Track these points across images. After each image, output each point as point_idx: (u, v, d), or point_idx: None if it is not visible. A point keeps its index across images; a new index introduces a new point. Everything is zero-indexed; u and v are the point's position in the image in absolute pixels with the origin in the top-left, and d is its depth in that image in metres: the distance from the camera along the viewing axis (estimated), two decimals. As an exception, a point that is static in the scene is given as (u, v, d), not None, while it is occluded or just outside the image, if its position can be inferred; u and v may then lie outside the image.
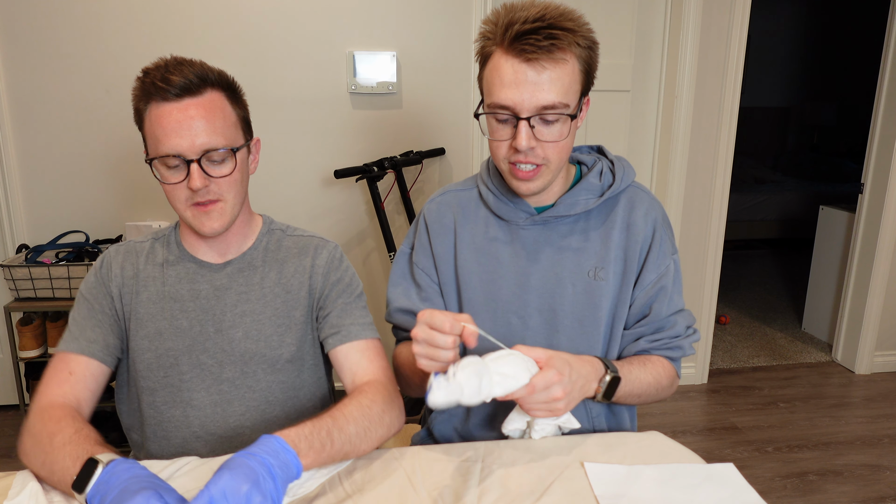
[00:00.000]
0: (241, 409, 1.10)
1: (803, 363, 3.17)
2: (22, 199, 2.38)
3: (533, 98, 0.95)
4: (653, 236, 1.11)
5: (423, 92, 2.48)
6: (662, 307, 1.10)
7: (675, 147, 2.63)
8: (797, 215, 5.21)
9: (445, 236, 1.15)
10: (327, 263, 1.14)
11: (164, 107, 0.97)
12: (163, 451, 1.11)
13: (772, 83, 5.90)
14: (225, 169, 1.02)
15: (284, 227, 1.19)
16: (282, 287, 1.12)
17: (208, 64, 1.02)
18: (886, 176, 2.81)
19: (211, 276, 1.11)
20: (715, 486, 0.90)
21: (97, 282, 1.10)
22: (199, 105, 0.98)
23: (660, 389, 1.10)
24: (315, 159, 2.48)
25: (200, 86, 0.99)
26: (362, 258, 2.62)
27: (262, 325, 1.10)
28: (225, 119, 1.01)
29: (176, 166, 0.99)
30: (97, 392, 1.06)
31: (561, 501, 0.86)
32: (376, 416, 0.97)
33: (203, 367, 1.09)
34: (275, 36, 2.36)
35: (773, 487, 2.15)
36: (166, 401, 1.09)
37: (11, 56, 2.26)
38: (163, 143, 0.98)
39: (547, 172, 1.03)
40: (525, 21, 0.93)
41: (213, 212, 1.03)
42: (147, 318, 1.09)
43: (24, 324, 2.21)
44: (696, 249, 2.80)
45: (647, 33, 2.63)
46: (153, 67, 0.99)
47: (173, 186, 1.01)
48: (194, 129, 0.97)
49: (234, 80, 1.06)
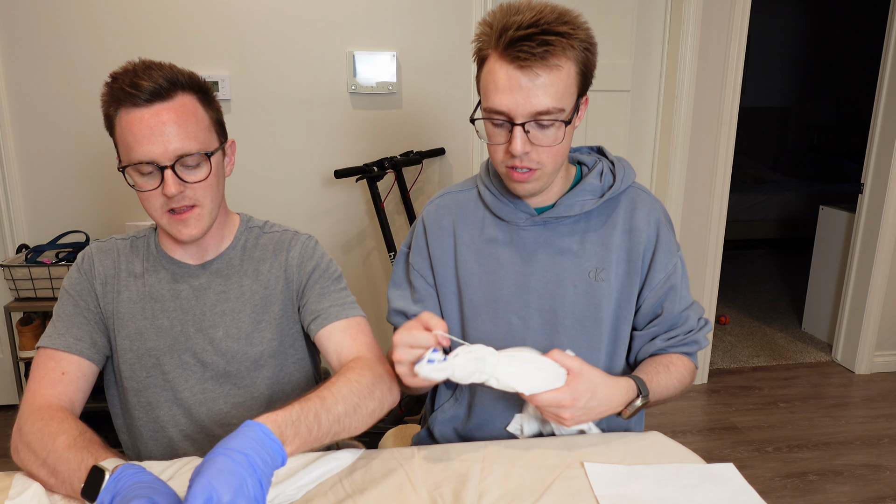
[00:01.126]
0: (227, 407, 1.10)
1: (803, 363, 3.17)
2: (22, 199, 2.38)
3: (527, 104, 0.95)
4: (657, 237, 1.11)
5: (423, 92, 2.48)
6: (675, 305, 1.11)
7: (675, 147, 2.63)
8: (797, 215, 5.21)
9: (444, 239, 1.15)
10: (300, 255, 1.14)
11: (134, 113, 0.95)
12: (154, 451, 1.11)
13: (772, 83, 5.89)
14: (200, 174, 1.00)
15: (262, 224, 1.19)
16: (260, 284, 1.12)
17: (178, 66, 1.00)
18: (886, 176, 2.81)
19: (190, 277, 1.10)
20: (715, 486, 0.90)
21: (80, 278, 1.09)
22: (170, 110, 0.96)
23: (684, 388, 1.11)
24: (315, 159, 2.48)
25: (171, 90, 0.96)
26: (362, 258, 2.62)
27: (242, 322, 1.10)
28: (198, 123, 0.99)
29: (149, 173, 0.97)
30: (87, 392, 1.05)
31: (561, 501, 0.86)
32: (366, 391, 0.93)
33: (186, 367, 1.09)
34: (275, 36, 2.36)
35: (773, 487, 2.15)
36: (151, 401, 1.09)
37: (11, 56, 2.26)
38: (135, 150, 0.96)
39: (542, 175, 1.03)
40: (519, 27, 0.92)
41: (189, 219, 1.02)
42: (128, 318, 1.08)
43: (24, 324, 2.21)
44: (696, 249, 2.79)
45: (647, 33, 2.63)
46: (121, 72, 0.97)
47: (148, 194, 0.99)
48: (167, 134, 0.95)
49: (205, 81, 1.04)
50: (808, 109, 5.89)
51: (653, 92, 2.69)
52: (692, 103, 2.59)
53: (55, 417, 0.92)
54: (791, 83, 5.94)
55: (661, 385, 1.05)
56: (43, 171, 2.36)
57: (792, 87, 5.95)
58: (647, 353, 1.13)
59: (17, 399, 2.46)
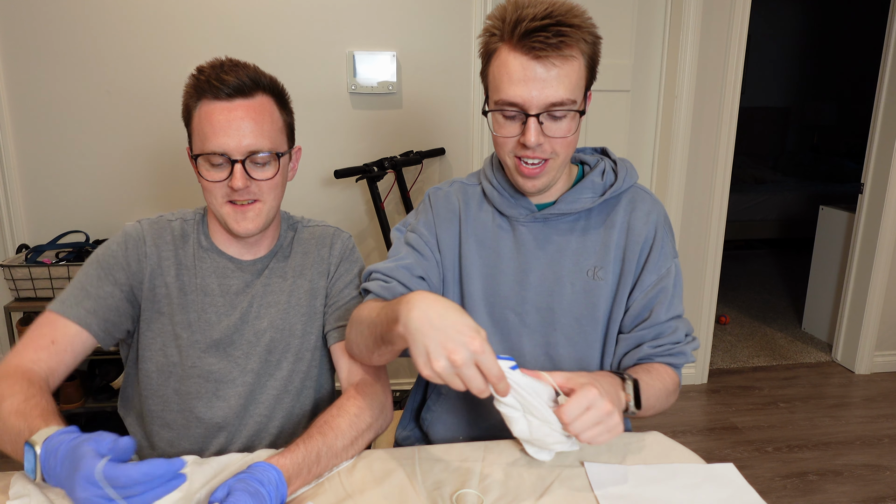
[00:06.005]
0: (263, 398, 1.12)
1: (803, 363, 3.17)
2: (22, 199, 2.38)
3: (542, 95, 0.95)
4: (654, 238, 1.10)
5: (423, 92, 2.48)
6: (662, 309, 1.08)
7: (675, 147, 2.63)
8: (797, 215, 5.21)
9: (451, 222, 1.15)
10: (340, 254, 1.18)
11: (214, 105, 0.99)
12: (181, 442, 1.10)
13: (772, 83, 5.90)
14: (268, 172, 1.03)
15: (299, 218, 1.22)
16: (304, 278, 1.15)
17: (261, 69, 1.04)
18: (886, 176, 2.82)
19: (241, 272, 1.12)
20: (715, 486, 0.90)
21: (122, 254, 1.06)
22: (248, 107, 1.00)
23: (668, 395, 1.06)
24: (315, 159, 2.48)
25: (252, 88, 1.00)
26: (362, 258, 2.62)
27: (288, 314, 1.12)
28: (272, 123, 1.03)
29: (219, 164, 1.00)
30: (73, 365, 1.02)
31: (561, 501, 0.86)
32: (364, 427, 0.99)
33: (231, 359, 1.10)
34: (275, 36, 2.36)
35: (773, 487, 2.15)
36: (191, 391, 1.08)
37: (11, 56, 2.26)
38: (210, 141, 0.99)
39: (553, 167, 1.03)
40: (534, 18, 0.93)
41: (249, 212, 1.04)
42: (177, 307, 1.08)
43: (24, 324, 2.21)
44: (696, 249, 2.79)
45: (647, 33, 2.63)
46: (208, 66, 1.01)
47: (213, 184, 1.02)
48: (242, 129, 0.99)
49: (283, 87, 1.08)
50: (808, 109, 5.89)
51: (653, 92, 2.69)
52: (692, 103, 2.59)
53: (10, 379, 0.91)
54: (791, 83, 5.94)
55: (644, 381, 0.99)
56: (43, 171, 2.36)
57: (792, 87, 5.96)
58: (633, 359, 1.10)
59: (17, 399, 2.45)
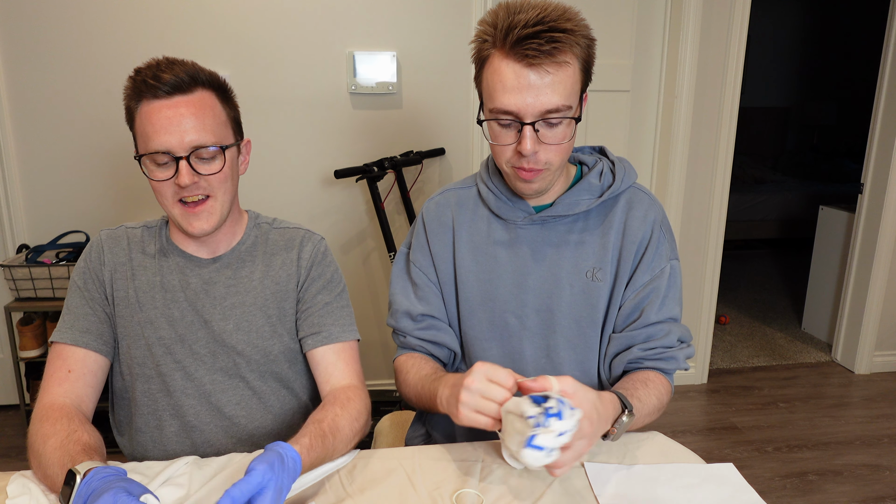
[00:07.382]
0: (235, 399, 1.12)
1: (803, 363, 3.17)
2: (22, 199, 2.38)
3: (537, 103, 0.94)
4: (650, 238, 1.09)
5: (423, 92, 2.48)
6: (653, 310, 1.07)
7: (675, 147, 2.63)
8: (797, 215, 5.21)
9: (444, 235, 1.15)
10: (311, 257, 1.16)
11: (154, 104, 0.98)
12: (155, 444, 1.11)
13: (772, 83, 5.89)
14: (214, 166, 1.03)
15: (271, 220, 1.20)
16: (270, 279, 1.13)
17: (200, 65, 1.03)
18: (886, 176, 2.81)
19: (200, 271, 1.12)
20: (715, 486, 0.90)
21: (86, 267, 1.10)
22: (189, 103, 0.99)
23: (659, 410, 1.05)
24: (315, 159, 2.48)
25: (191, 84, 1.00)
26: (362, 258, 2.62)
27: (253, 316, 1.11)
28: (215, 117, 1.02)
29: (165, 163, 1.00)
30: (98, 386, 1.06)
31: (561, 501, 0.86)
32: (360, 430, 1.01)
33: (197, 357, 1.10)
34: (275, 36, 2.36)
35: (772, 487, 2.15)
36: (161, 388, 1.09)
37: (11, 56, 2.26)
38: (152, 140, 0.99)
39: (549, 174, 1.02)
40: (526, 24, 0.91)
41: (202, 213, 1.04)
42: (140, 305, 1.09)
43: (25, 324, 2.21)
44: (696, 249, 2.79)
45: (647, 33, 2.63)
46: (145, 67, 1.01)
47: (161, 183, 1.01)
48: (183, 126, 0.98)
49: (225, 81, 1.07)
50: (807, 109, 5.89)
51: (653, 92, 2.69)
52: (692, 103, 2.59)
53: (51, 418, 0.93)
54: (791, 83, 5.94)
55: (641, 401, 0.98)
56: (43, 171, 2.36)
57: (792, 87, 5.95)
58: (623, 361, 1.08)
59: (17, 399, 2.45)
